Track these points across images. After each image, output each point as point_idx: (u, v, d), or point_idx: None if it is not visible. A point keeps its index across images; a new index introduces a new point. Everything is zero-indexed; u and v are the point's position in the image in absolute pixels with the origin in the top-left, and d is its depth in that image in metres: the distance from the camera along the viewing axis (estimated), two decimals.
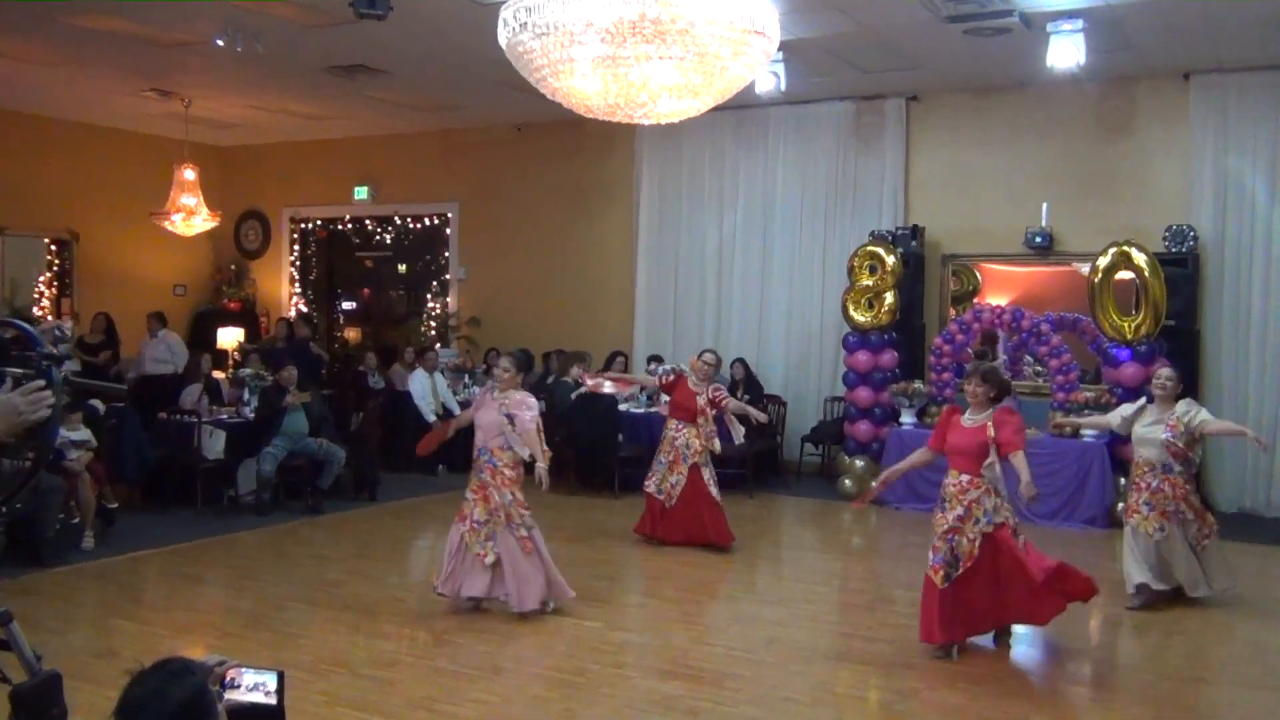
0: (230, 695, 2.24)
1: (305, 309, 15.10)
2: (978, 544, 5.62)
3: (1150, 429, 6.74)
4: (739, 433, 8.20)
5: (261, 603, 6.61)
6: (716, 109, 6.43)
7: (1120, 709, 5.12)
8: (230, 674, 2.25)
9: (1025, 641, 6.20)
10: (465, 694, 5.09)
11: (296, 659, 5.50)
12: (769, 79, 9.45)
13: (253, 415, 9.60)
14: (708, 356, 8.35)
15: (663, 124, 5.68)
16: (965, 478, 5.69)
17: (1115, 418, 7.02)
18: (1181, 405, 6.75)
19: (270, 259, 15.42)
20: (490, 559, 6.24)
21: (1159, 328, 9.26)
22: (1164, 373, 6.91)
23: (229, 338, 14.36)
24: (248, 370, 10.32)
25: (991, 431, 5.63)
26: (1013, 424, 5.69)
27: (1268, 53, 9.37)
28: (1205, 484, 9.99)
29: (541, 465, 6.38)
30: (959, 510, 5.67)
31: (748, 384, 11.26)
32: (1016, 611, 5.82)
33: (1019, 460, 5.60)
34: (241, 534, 8.52)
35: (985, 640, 6.35)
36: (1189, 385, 9.80)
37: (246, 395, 9.94)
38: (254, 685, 2.26)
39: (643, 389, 10.39)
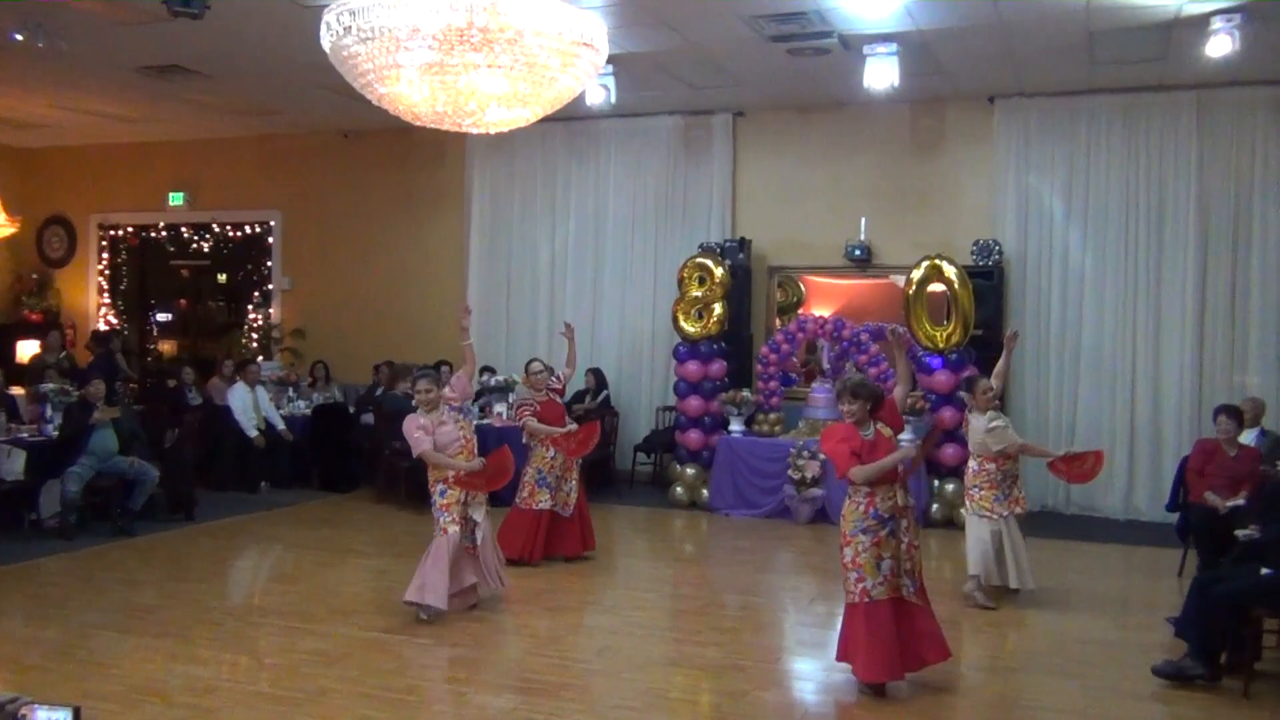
0: None
1: (115, 321, 14.33)
2: (918, 559, 5.42)
3: (1008, 433, 7.12)
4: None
5: (67, 632, 6.21)
6: (548, 120, 6.45)
7: (935, 699, 5.36)
8: (23, 711, 2.08)
9: None
10: (288, 718, 4.91)
11: (106, 690, 5.20)
12: (599, 91, 9.54)
13: (56, 433, 9.04)
14: (535, 365, 8.35)
15: (493, 133, 5.66)
16: (897, 487, 5.36)
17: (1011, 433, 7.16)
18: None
19: (76, 268, 14.61)
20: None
21: (968, 337, 9.76)
22: (985, 382, 7.25)
23: (30, 351, 13.48)
24: (50, 386, 9.71)
25: (888, 431, 5.41)
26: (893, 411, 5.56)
27: (1062, 80, 10.05)
28: None
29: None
30: (904, 522, 5.38)
31: (597, 394, 11.31)
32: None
33: (904, 369, 5.72)
34: (44, 559, 8.00)
35: (814, 639, 6.55)
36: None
37: (49, 412, 9.35)
38: None
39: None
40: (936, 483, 9.82)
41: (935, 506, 9.72)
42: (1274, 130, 9.92)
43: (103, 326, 14.12)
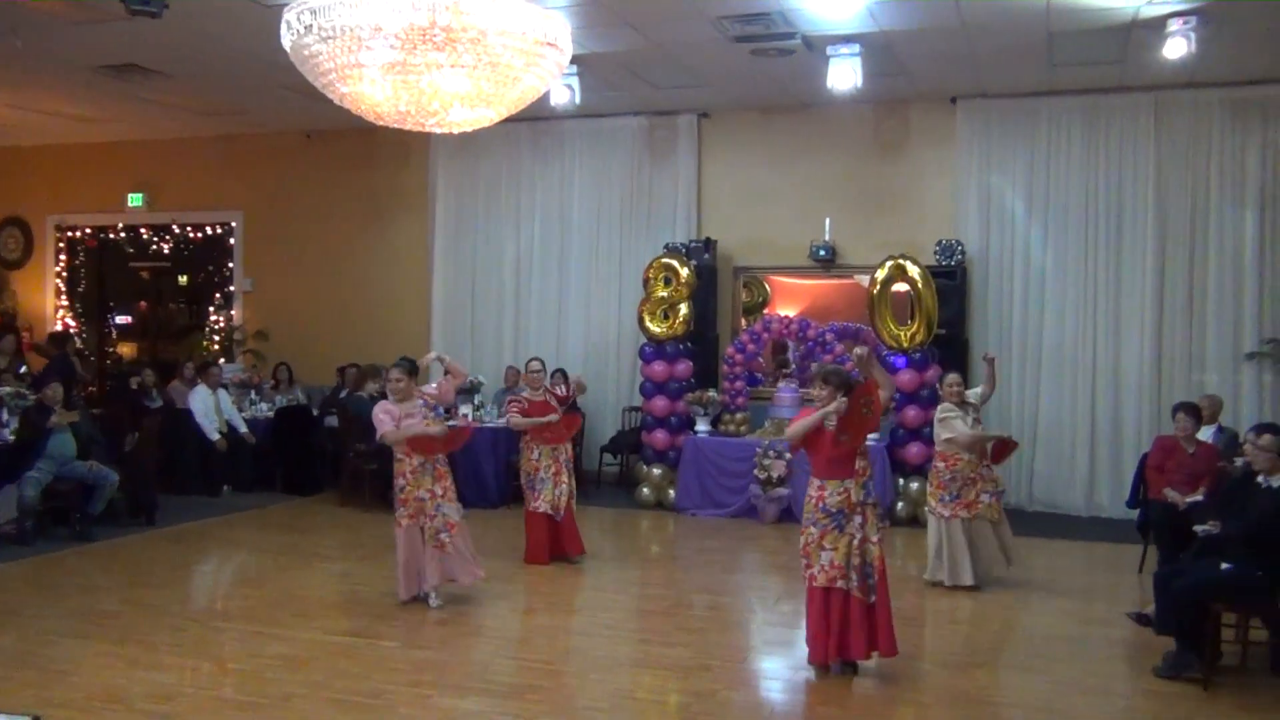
0: None
1: (72, 323, 14.13)
2: (875, 555, 5.46)
3: (956, 423, 7.28)
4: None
5: (24, 639, 6.11)
6: (512, 120, 6.42)
7: (903, 696, 5.39)
8: None
9: None
10: None
11: (66, 697, 5.12)
12: (563, 92, 9.52)
13: (12, 437, 8.89)
14: (534, 365, 8.35)
15: (457, 134, 5.63)
16: (850, 483, 5.45)
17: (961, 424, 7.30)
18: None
19: (33, 270, 14.38)
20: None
21: (931, 336, 9.83)
22: (953, 376, 7.45)
23: None
24: (6, 389, 9.56)
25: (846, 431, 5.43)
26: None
27: (1023, 81, 10.15)
28: None
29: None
30: (859, 518, 5.44)
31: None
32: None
33: (881, 378, 5.51)
34: (1, 566, 7.87)
35: (781, 638, 6.56)
36: None
37: (5, 416, 9.20)
38: None
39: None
40: (901, 481, 9.88)
41: (900, 505, 9.78)
42: (1229, 131, 10.08)
43: (59, 328, 13.90)
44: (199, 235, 13.76)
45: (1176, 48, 8.30)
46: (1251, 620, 5.87)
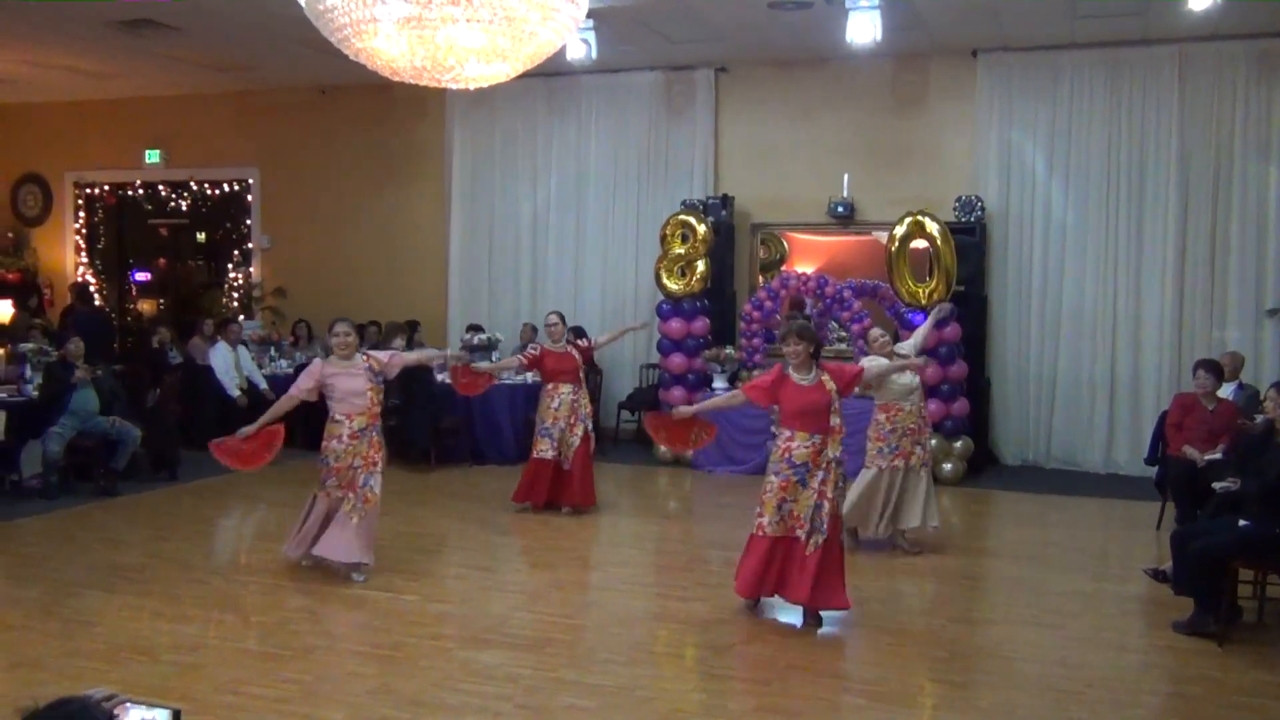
0: None
1: (93, 280, 14.21)
2: (826, 510, 5.57)
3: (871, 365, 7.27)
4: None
5: (50, 591, 6.21)
6: (528, 76, 6.38)
7: (917, 650, 5.43)
8: (117, 711, 2.04)
9: None
10: (275, 675, 4.94)
11: (90, 648, 5.21)
12: (580, 46, 9.43)
13: (35, 393, 8.98)
14: (551, 318, 8.47)
15: (473, 89, 5.60)
16: (819, 438, 5.60)
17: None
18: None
19: (53, 226, 14.44)
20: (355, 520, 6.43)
21: (950, 293, 9.77)
22: (875, 331, 7.49)
23: (7, 310, 13.36)
24: (29, 345, 9.63)
25: (832, 385, 5.62)
26: (845, 366, 6.01)
27: (1046, 34, 10.01)
28: (991, 439, 10.70)
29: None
30: (821, 475, 5.57)
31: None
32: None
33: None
34: (26, 520, 7.97)
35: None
36: (978, 347, 10.45)
37: (28, 372, 9.28)
38: None
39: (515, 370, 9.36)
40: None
41: None
42: (1254, 85, 9.91)
43: (84, 284, 13.97)
44: (216, 192, 13.78)
45: None
46: (1269, 577, 5.87)
